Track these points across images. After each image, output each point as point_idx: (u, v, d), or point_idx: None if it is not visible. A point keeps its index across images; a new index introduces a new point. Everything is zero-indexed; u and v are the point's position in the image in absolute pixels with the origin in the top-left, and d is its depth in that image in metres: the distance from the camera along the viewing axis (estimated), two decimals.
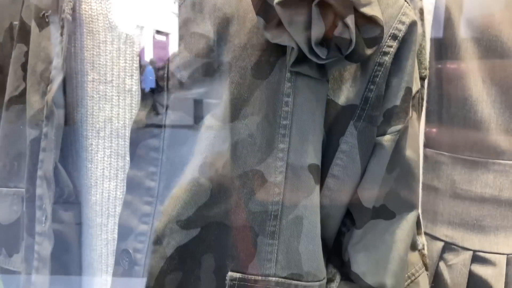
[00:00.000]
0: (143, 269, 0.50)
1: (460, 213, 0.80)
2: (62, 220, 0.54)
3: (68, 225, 0.54)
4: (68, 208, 0.54)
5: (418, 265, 0.65)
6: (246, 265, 0.51)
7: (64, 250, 0.54)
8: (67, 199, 0.53)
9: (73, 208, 0.54)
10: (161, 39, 0.50)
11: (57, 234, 0.53)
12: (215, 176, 0.49)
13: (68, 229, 0.54)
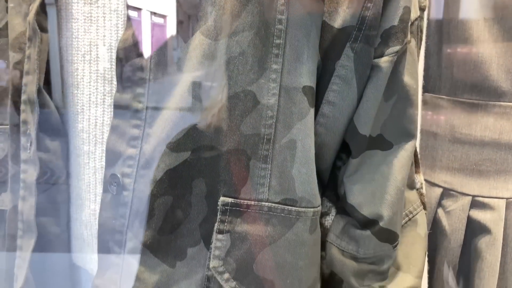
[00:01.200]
0: (132, 194, 0.49)
1: (459, 158, 0.79)
2: (48, 149, 0.52)
3: (54, 154, 0.52)
4: (54, 136, 0.52)
5: (416, 203, 0.63)
6: (238, 189, 0.49)
7: (51, 179, 0.52)
8: (53, 126, 0.52)
9: (59, 137, 0.52)
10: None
11: (43, 162, 0.52)
12: (205, 97, 0.47)
13: (54, 157, 0.52)
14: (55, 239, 0.55)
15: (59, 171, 0.53)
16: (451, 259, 0.80)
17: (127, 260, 0.49)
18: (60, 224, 0.54)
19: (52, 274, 0.56)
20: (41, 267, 0.54)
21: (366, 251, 0.56)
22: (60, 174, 0.53)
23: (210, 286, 0.50)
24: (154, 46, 0.48)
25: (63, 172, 0.53)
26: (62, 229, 0.55)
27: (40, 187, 0.52)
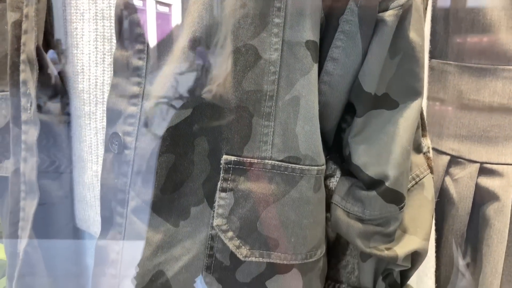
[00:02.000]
0: (133, 152, 0.48)
1: (467, 124, 0.78)
2: (49, 110, 0.52)
3: (54, 116, 0.52)
4: (54, 98, 0.52)
5: (423, 167, 0.62)
6: (241, 147, 0.48)
7: (52, 141, 0.52)
8: (52, 87, 0.51)
9: (60, 98, 0.52)
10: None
11: (44, 124, 0.51)
12: (205, 52, 0.47)
13: (55, 119, 0.52)
14: (58, 203, 0.54)
15: (60, 132, 0.52)
16: (458, 227, 0.79)
17: (130, 219, 0.49)
18: (63, 187, 0.54)
19: (55, 238, 0.55)
20: (44, 231, 0.54)
21: (371, 212, 0.55)
22: (61, 136, 0.52)
23: (214, 245, 0.49)
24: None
25: (64, 133, 0.52)
26: (65, 192, 0.54)
27: (41, 148, 0.51)
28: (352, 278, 0.59)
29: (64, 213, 0.55)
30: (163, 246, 0.49)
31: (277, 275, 0.52)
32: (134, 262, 0.49)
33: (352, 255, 0.59)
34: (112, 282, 0.50)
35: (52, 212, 0.54)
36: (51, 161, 0.52)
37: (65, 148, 0.53)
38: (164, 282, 0.49)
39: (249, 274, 0.51)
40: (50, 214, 0.54)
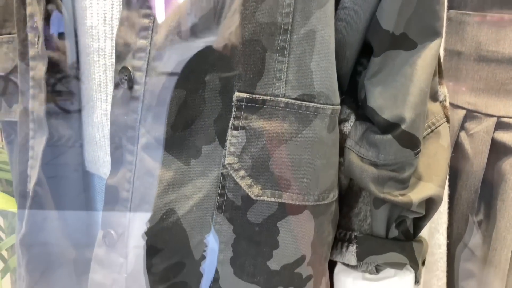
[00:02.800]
0: (143, 88, 0.47)
1: (485, 77, 0.75)
2: (57, 47, 0.50)
3: (63, 53, 0.51)
4: (62, 34, 0.50)
5: (439, 115, 0.61)
6: (253, 84, 0.47)
7: (60, 79, 0.51)
8: (60, 23, 0.50)
9: (68, 35, 0.50)
10: None
11: (52, 61, 0.50)
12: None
13: (63, 57, 0.51)
14: (67, 144, 0.54)
15: (68, 70, 0.51)
16: (473, 183, 0.78)
17: (140, 156, 0.48)
18: (72, 127, 0.53)
19: (65, 180, 0.55)
20: (53, 172, 0.54)
21: (386, 157, 0.54)
22: (69, 74, 0.51)
23: (226, 184, 0.49)
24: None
25: (73, 71, 0.51)
26: (74, 133, 0.54)
27: (50, 87, 0.50)
28: (364, 226, 0.59)
29: (73, 155, 0.54)
30: (174, 184, 0.48)
31: (289, 216, 0.51)
32: (145, 200, 0.49)
33: (365, 202, 0.58)
34: (122, 220, 0.50)
35: (61, 153, 0.54)
36: (59, 98, 0.51)
37: (73, 87, 0.52)
38: (175, 220, 0.49)
39: (261, 214, 0.50)
40: (59, 155, 0.54)
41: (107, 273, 0.51)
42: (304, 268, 0.53)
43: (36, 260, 0.53)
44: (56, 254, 0.54)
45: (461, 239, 0.80)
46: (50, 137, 0.52)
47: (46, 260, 0.53)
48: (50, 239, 0.53)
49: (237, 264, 0.52)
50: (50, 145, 0.52)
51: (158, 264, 0.50)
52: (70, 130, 0.53)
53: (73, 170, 0.55)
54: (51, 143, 0.53)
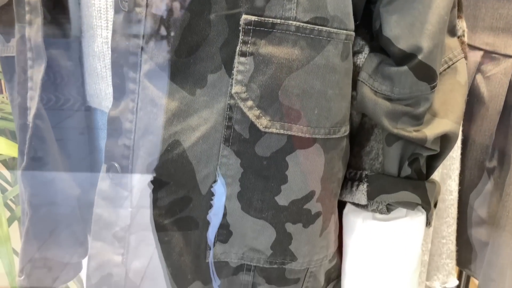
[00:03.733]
0: (145, 10, 0.44)
1: (505, 15, 0.71)
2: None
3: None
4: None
5: (456, 50, 0.58)
6: (262, 6, 0.44)
7: (58, 5, 0.48)
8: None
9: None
10: None
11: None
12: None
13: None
14: (67, 75, 0.51)
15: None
16: (487, 128, 0.75)
17: (143, 84, 0.46)
18: (72, 58, 0.51)
19: (66, 114, 0.53)
20: (53, 105, 0.52)
21: (401, 90, 0.51)
22: (67, 1, 0.48)
23: (233, 115, 0.47)
24: None
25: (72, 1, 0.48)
26: (74, 64, 0.51)
27: (46, 8, 0.47)
28: (375, 165, 0.57)
29: (74, 88, 0.52)
30: (179, 114, 0.46)
31: (298, 150, 0.49)
32: (149, 131, 0.47)
33: (377, 140, 0.56)
34: (126, 153, 0.48)
35: (61, 86, 0.52)
36: (57, 25, 0.49)
37: (72, 14, 0.49)
38: (180, 152, 0.47)
39: (269, 148, 0.48)
40: (59, 88, 0.52)
41: (111, 208, 0.49)
42: (313, 204, 0.52)
43: (39, 193, 0.52)
44: (58, 189, 0.53)
45: (473, 185, 0.78)
46: (49, 69, 0.50)
47: (48, 194, 0.52)
48: (52, 173, 0.52)
49: (244, 199, 0.50)
50: (50, 79, 0.50)
51: (163, 198, 0.48)
52: (70, 61, 0.51)
53: (74, 104, 0.53)
54: (50, 75, 0.50)
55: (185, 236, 0.51)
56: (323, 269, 0.59)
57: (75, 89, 0.52)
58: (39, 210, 0.52)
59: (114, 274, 0.51)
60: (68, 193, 0.54)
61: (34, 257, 0.54)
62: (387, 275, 0.59)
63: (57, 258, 0.56)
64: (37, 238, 0.53)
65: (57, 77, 0.51)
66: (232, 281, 0.54)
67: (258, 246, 0.52)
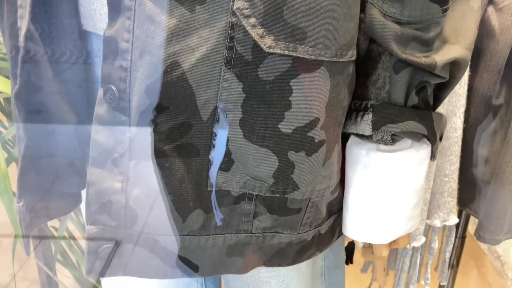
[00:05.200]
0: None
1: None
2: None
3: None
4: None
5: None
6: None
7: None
8: None
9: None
10: None
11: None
12: None
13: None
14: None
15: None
16: (496, 63, 0.73)
17: (139, 0, 0.43)
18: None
19: (58, 36, 0.50)
20: (45, 25, 0.49)
21: (411, 12, 0.49)
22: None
23: (235, 35, 0.44)
24: None
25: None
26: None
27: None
28: (382, 94, 0.55)
29: (66, 8, 0.49)
30: (178, 33, 0.44)
31: (303, 74, 0.47)
32: (146, 51, 0.44)
33: (384, 68, 0.54)
34: (123, 74, 0.46)
35: (52, 4, 0.49)
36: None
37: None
38: (179, 74, 0.45)
39: (273, 71, 0.46)
40: (50, 7, 0.49)
41: (109, 133, 0.48)
42: (317, 131, 0.50)
43: (33, 117, 0.50)
44: (53, 115, 0.51)
45: (478, 123, 0.77)
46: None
47: (43, 120, 0.51)
48: (47, 98, 0.50)
49: (246, 126, 0.49)
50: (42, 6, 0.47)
51: (163, 123, 0.47)
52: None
53: (67, 26, 0.50)
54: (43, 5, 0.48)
55: (186, 163, 0.49)
56: (325, 201, 0.58)
57: (67, 8, 0.50)
58: (34, 136, 0.51)
59: (114, 202, 0.50)
60: (64, 119, 0.52)
61: (32, 184, 0.53)
62: (389, 208, 0.58)
63: (55, 187, 0.55)
64: (33, 164, 0.52)
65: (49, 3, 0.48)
66: (234, 210, 0.53)
67: (260, 174, 0.51)
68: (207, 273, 0.56)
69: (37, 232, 1.24)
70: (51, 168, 0.53)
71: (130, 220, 0.51)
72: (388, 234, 0.60)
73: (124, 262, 0.53)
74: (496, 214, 0.74)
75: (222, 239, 0.54)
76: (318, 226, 0.60)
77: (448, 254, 0.86)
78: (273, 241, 0.57)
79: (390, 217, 0.59)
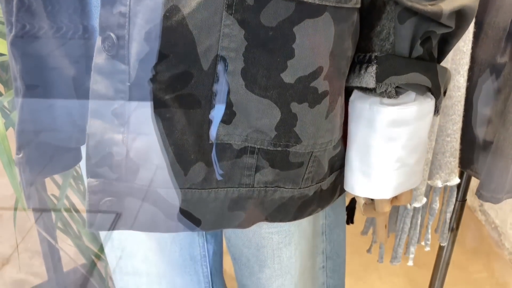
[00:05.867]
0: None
1: None
2: None
3: None
4: None
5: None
6: None
7: None
8: None
9: None
10: None
11: None
12: None
13: None
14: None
15: None
16: (502, 19, 0.71)
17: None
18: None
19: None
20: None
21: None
22: None
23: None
24: None
25: None
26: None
27: None
28: (386, 46, 0.54)
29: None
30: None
31: (307, 19, 0.46)
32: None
33: (389, 18, 0.53)
34: (121, 21, 0.45)
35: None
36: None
37: None
38: (179, 20, 0.44)
39: (275, 16, 0.45)
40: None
41: (108, 83, 0.47)
42: (320, 82, 0.50)
43: (30, 69, 0.49)
44: (50, 65, 0.50)
45: (481, 82, 0.76)
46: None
47: (40, 70, 0.50)
48: (43, 47, 0.49)
49: (248, 76, 0.48)
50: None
51: (163, 71, 0.46)
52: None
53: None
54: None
55: (187, 115, 0.49)
56: (327, 155, 0.58)
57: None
58: (31, 86, 0.50)
59: (114, 154, 0.50)
60: (61, 71, 0.51)
61: (30, 136, 0.53)
62: (391, 163, 0.58)
63: (54, 141, 0.54)
64: (32, 114, 0.51)
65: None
66: (235, 164, 0.53)
67: (262, 127, 0.51)
68: (209, 227, 0.56)
69: (37, 202, 1.24)
70: (49, 120, 0.53)
71: (131, 173, 0.51)
72: (390, 189, 0.59)
73: (125, 216, 0.53)
74: (498, 172, 0.74)
75: (224, 193, 0.54)
76: (320, 181, 0.59)
77: (448, 215, 0.87)
78: (275, 195, 0.56)
79: (393, 172, 0.58)
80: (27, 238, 1.68)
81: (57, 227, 1.22)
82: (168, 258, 0.68)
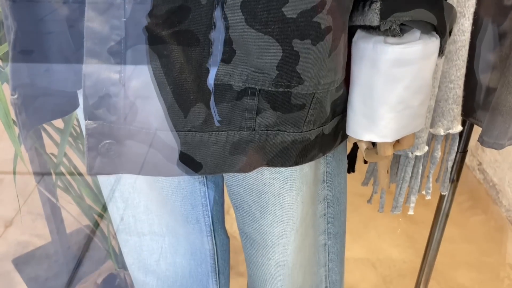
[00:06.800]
0: None
1: None
2: None
3: None
4: None
5: None
6: None
7: None
8: None
9: None
10: None
11: None
12: None
13: None
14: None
15: None
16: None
17: None
18: None
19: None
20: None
21: None
22: None
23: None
24: None
25: None
26: None
27: None
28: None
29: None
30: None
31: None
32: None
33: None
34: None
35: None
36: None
37: None
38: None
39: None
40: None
41: (103, 19, 0.45)
42: (323, 16, 0.48)
43: (22, 4, 0.47)
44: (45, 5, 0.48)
45: (487, 25, 0.74)
46: None
47: (36, 17, 0.48)
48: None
49: (248, 10, 0.46)
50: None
51: (159, 5, 0.44)
52: None
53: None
54: None
55: (186, 52, 0.47)
56: (329, 98, 0.57)
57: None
58: (23, 23, 0.48)
59: (112, 94, 0.48)
60: (55, 12, 0.49)
61: (25, 82, 0.51)
62: (394, 105, 0.57)
63: (49, 84, 0.53)
64: (24, 54, 0.49)
65: None
66: (236, 106, 0.52)
67: (263, 66, 0.49)
68: (211, 171, 0.55)
69: (37, 162, 1.23)
70: (43, 60, 0.51)
71: (130, 115, 0.50)
72: (393, 131, 0.58)
73: (125, 159, 0.53)
74: (501, 117, 0.73)
75: (225, 136, 0.53)
76: (322, 125, 0.58)
77: (450, 163, 0.86)
78: (276, 139, 0.56)
79: (396, 114, 0.57)
80: (29, 201, 1.69)
81: (58, 186, 1.22)
82: (170, 207, 0.68)
